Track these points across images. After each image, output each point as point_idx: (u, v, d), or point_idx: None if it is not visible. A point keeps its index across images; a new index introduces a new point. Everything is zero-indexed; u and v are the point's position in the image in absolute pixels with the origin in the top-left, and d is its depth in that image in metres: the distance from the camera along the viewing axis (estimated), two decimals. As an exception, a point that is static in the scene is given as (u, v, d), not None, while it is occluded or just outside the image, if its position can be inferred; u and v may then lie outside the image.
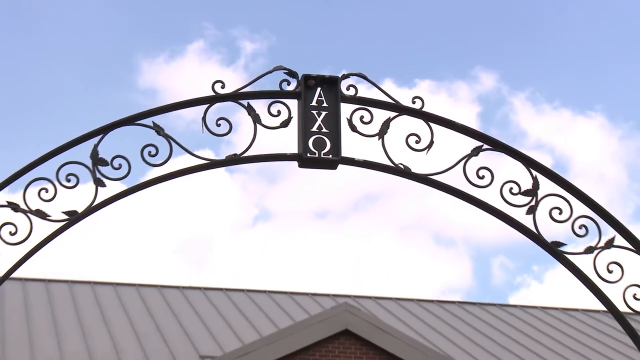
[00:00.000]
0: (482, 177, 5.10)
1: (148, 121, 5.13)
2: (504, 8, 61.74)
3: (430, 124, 5.17)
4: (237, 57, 62.33)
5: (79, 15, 61.49)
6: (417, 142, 5.14)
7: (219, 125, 5.16)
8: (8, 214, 4.92)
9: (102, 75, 63.59)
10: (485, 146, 5.15)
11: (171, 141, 5.10)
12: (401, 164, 5.13)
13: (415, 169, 5.13)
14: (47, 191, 4.95)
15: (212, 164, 5.14)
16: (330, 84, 5.19)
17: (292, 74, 5.23)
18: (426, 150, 5.14)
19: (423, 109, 5.16)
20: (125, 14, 61.60)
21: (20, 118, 62.23)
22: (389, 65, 61.45)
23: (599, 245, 5.03)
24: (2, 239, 4.88)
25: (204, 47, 63.09)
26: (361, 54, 60.29)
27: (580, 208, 5.09)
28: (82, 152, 5.04)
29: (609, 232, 5.07)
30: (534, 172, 5.11)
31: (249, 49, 62.50)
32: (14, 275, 4.97)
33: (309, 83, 5.18)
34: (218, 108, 5.17)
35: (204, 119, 5.17)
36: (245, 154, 5.13)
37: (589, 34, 61.82)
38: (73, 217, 5.00)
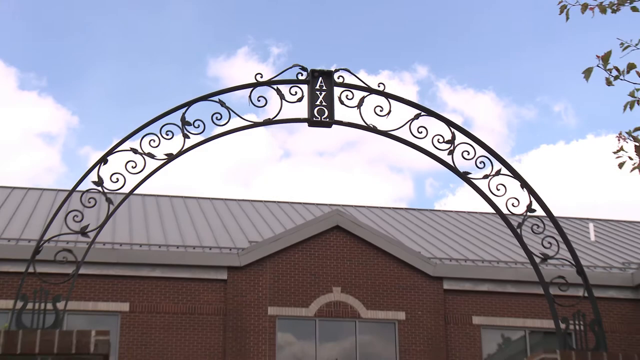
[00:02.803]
0: (421, 132, 5.09)
1: (215, 98, 5.11)
2: (432, 23, 61.72)
3: (389, 99, 5.14)
4: (268, 57, 62.25)
5: (173, 31, 61.39)
6: (380, 110, 5.12)
7: (259, 100, 5.13)
8: (130, 155, 4.91)
9: (187, 68, 63.81)
10: (422, 113, 5.13)
11: (229, 110, 5.09)
12: (371, 124, 5.12)
13: (380, 127, 5.11)
14: (154, 141, 4.94)
15: (255, 125, 5.13)
16: (328, 75, 5.17)
17: (304, 68, 5.21)
18: (386, 116, 5.12)
19: (385, 90, 5.14)
20: (200, 31, 61.59)
21: (138, 95, 62.33)
22: (363, 60, 61.76)
23: (491, 174, 5.02)
24: (127, 170, 4.88)
25: (247, 50, 63.08)
26: (347, 53, 60.62)
27: (480, 150, 5.08)
28: (175, 117, 5.03)
29: (497, 165, 5.05)
30: (452, 129, 5.09)
31: (275, 52, 62.43)
32: (136, 192, 4.98)
33: (314, 74, 5.16)
34: (258, 90, 5.15)
35: (250, 96, 5.15)
36: (275, 118, 5.12)
37: (484, 40, 61.73)
38: (170, 157, 4.99)
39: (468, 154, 5.06)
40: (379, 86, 5.18)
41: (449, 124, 5.10)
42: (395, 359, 19.83)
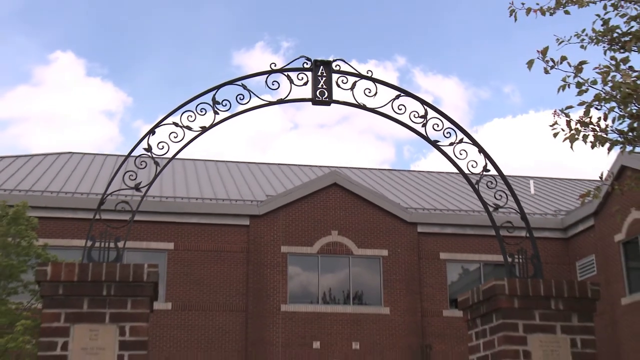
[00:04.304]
0: (400, 109, 5.05)
1: (239, 82, 5.07)
2: (409, 22, 61.20)
3: (375, 83, 5.11)
4: (280, 49, 61.86)
5: (206, 29, 60.84)
6: (369, 92, 5.08)
7: (273, 84, 5.09)
8: (172, 128, 4.90)
9: (216, 59, 63.32)
10: (401, 94, 5.09)
11: (250, 92, 5.05)
12: (361, 103, 5.09)
13: (368, 105, 5.08)
14: (191, 116, 4.91)
15: (270, 104, 5.09)
16: (327, 64, 5.12)
17: (308, 59, 5.15)
18: (373, 96, 5.08)
19: (372, 76, 5.10)
20: (226, 29, 61.00)
21: (178, 80, 61.94)
22: (355, 51, 61.29)
23: (455, 142, 5.00)
24: (170, 139, 4.86)
25: (263, 44, 62.71)
26: (342, 46, 60.16)
27: (446, 123, 5.05)
28: (207, 97, 4.99)
29: (460, 135, 5.03)
30: (425, 107, 5.06)
31: (285, 45, 62.09)
32: (177, 157, 4.97)
33: (317, 63, 5.10)
34: (272, 76, 5.10)
35: (266, 81, 5.10)
36: (287, 98, 5.09)
37: (450, 35, 61.27)
38: (203, 130, 4.97)
39: (437, 126, 5.03)
40: (367, 73, 5.13)
41: (423, 102, 5.07)
42: (380, 287, 19.99)
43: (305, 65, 5.09)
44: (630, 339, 17.65)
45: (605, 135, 5.26)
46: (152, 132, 4.80)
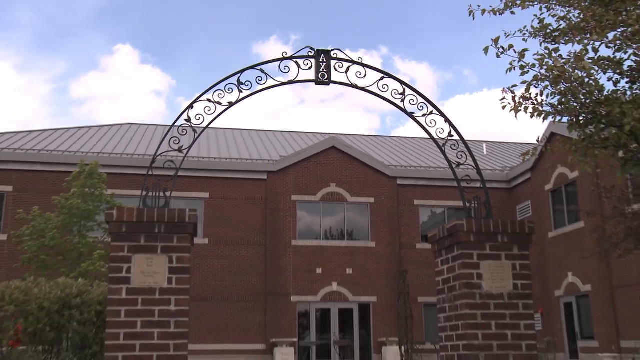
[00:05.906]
0: (384, 88, 4.99)
1: (258, 67, 4.99)
2: (390, 20, 60.17)
3: (364, 67, 5.02)
4: (289, 41, 61.03)
5: (231, 25, 59.83)
6: (359, 74, 5.00)
7: (285, 69, 5.01)
8: (207, 103, 4.85)
9: (239, 49, 62.45)
10: (385, 76, 5.02)
11: (267, 75, 4.98)
12: (354, 83, 5.02)
13: (359, 85, 5.02)
14: (221, 94, 4.85)
15: (282, 84, 5.02)
16: (327, 52, 5.03)
17: (312, 49, 5.06)
18: (363, 78, 5.02)
19: (362, 62, 5.01)
20: (247, 25, 59.94)
21: (211, 66, 61.14)
22: (349, 42, 60.44)
23: (427, 113, 4.95)
24: (205, 112, 4.82)
25: (276, 38, 61.87)
26: (338, 38, 59.31)
27: (420, 99, 4.99)
28: (234, 79, 4.93)
29: (430, 108, 4.98)
30: (403, 86, 4.99)
31: (294, 38, 61.25)
32: (210, 126, 4.94)
33: (319, 52, 5.01)
34: (284, 62, 5.02)
35: (279, 66, 5.02)
36: (295, 80, 5.02)
37: (423, 30, 60.24)
38: (231, 105, 4.92)
39: (413, 101, 4.97)
40: (358, 59, 5.05)
41: (401, 82, 5.00)
42: (368, 226, 20.13)
43: (310, 54, 4.99)
44: (553, 263, 18.40)
45: (541, 108, 5.23)
46: (190, 106, 4.75)
